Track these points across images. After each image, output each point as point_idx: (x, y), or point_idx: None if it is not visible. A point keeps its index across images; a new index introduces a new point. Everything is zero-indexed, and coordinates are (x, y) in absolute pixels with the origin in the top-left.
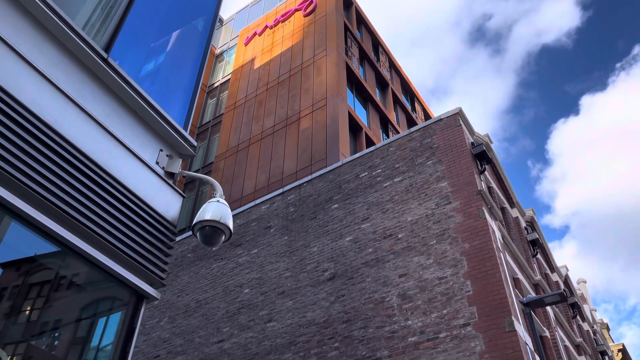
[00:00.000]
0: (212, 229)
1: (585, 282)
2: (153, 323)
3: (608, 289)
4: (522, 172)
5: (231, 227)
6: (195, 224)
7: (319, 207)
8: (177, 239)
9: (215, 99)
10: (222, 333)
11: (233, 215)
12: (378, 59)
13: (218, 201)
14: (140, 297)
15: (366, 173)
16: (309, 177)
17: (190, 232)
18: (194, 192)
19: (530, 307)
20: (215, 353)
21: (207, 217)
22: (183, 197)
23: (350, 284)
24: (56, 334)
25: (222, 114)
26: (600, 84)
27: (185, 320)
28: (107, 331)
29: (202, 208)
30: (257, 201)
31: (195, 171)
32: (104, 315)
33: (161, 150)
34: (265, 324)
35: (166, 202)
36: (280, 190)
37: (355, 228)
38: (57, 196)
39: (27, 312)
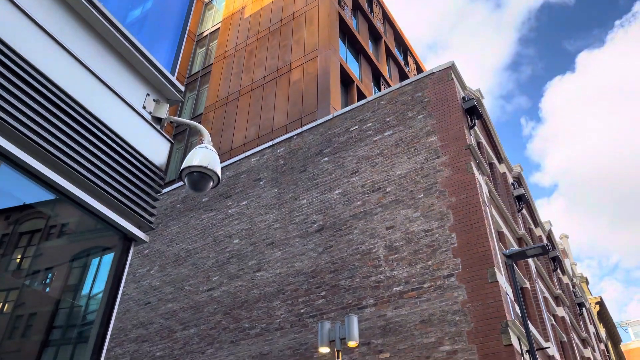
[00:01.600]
0: (200, 175)
1: (567, 237)
2: (143, 272)
3: (593, 246)
4: (515, 130)
5: (219, 173)
6: (183, 169)
7: (309, 160)
8: (167, 189)
9: (204, 48)
10: (212, 282)
11: (222, 168)
12: (372, 10)
13: (206, 147)
14: (129, 239)
15: (357, 127)
16: (299, 130)
17: (179, 183)
18: (183, 144)
19: (513, 259)
20: (205, 301)
21: (195, 162)
22: (171, 143)
23: (338, 236)
24: (47, 281)
25: (212, 64)
26: (598, 41)
27: (175, 269)
28: (97, 276)
29: (190, 153)
30: (247, 153)
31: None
32: (95, 258)
33: (148, 94)
34: (255, 273)
35: (154, 147)
36: (270, 143)
37: (344, 181)
38: (44, 138)
39: (18, 260)
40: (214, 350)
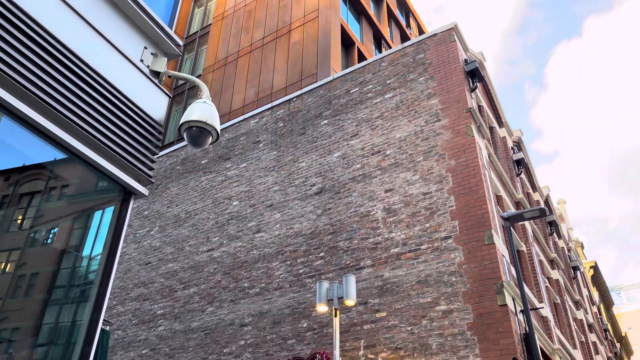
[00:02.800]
0: (199, 130)
1: (565, 202)
2: (144, 232)
3: (591, 212)
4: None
5: (218, 128)
6: (182, 124)
7: (308, 122)
8: (166, 151)
9: (202, 8)
10: (212, 242)
11: (221, 130)
12: None
13: (205, 102)
14: (129, 193)
15: (357, 89)
16: (299, 92)
17: (178, 145)
18: (181, 106)
19: (510, 221)
20: (205, 261)
21: (194, 117)
22: (169, 97)
23: (337, 198)
24: (48, 241)
25: (210, 24)
26: (607, 6)
27: (175, 230)
28: (98, 234)
29: (188, 108)
30: (246, 115)
31: (183, 84)
32: (95, 215)
33: (145, 48)
34: (254, 235)
35: (152, 101)
36: (269, 105)
37: (344, 144)
38: (43, 90)
39: (19, 221)
40: (214, 308)
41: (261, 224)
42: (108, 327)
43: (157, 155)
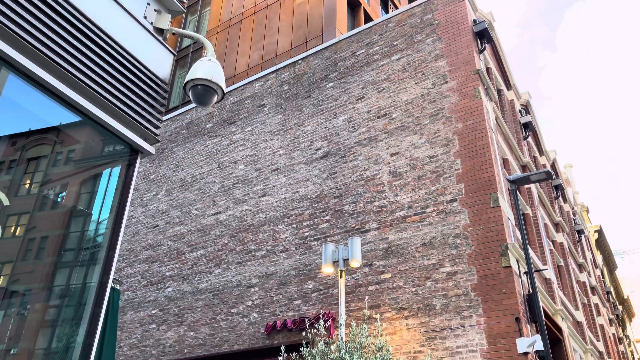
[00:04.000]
0: (204, 88)
1: (571, 166)
2: (150, 196)
3: (599, 177)
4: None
5: (223, 86)
6: (187, 82)
7: (314, 85)
8: (171, 115)
9: None
10: (218, 206)
11: (226, 93)
12: None
13: (209, 60)
14: (135, 151)
15: (363, 50)
16: (304, 55)
17: (183, 109)
18: (185, 69)
19: (516, 184)
20: (212, 224)
21: (199, 75)
22: (173, 54)
23: (342, 162)
24: (56, 204)
25: None
26: None
27: (181, 194)
28: (106, 196)
29: (193, 66)
30: (251, 78)
31: (186, 47)
32: (103, 176)
33: (148, 4)
34: (260, 198)
35: (156, 59)
36: (274, 68)
37: (349, 107)
38: (47, 46)
39: (27, 185)
40: (222, 270)
41: (267, 187)
42: (118, 285)
43: (162, 118)
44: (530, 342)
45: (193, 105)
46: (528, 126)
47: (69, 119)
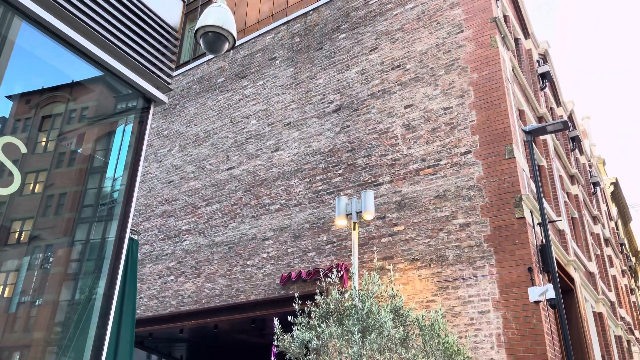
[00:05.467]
0: (216, 36)
1: (589, 118)
2: (165, 152)
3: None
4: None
5: (234, 33)
6: (197, 29)
7: (326, 37)
8: (182, 70)
9: None
10: (232, 161)
11: (237, 47)
12: None
13: (220, 6)
14: (148, 100)
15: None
16: (316, 5)
17: (194, 64)
18: (195, 23)
19: (532, 134)
20: (226, 179)
21: (210, 22)
22: (183, 1)
23: (355, 115)
24: (73, 161)
25: None
26: None
27: (195, 149)
28: (121, 151)
29: (203, 13)
30: (261, 31)
31: (194, 1)
32: (117, 130)
33: None
34: (273, 153)
35: (166, 7)
36: (285, 19)
37: (362, 59)
38: None
39: (43, 143)
40: (237, 224)
41: (279, 142)
42: (136, 236)
43: (173, 67)
44: (542, 290)
45: (204, 59)
46: (545, 76)
47: (82, 68)
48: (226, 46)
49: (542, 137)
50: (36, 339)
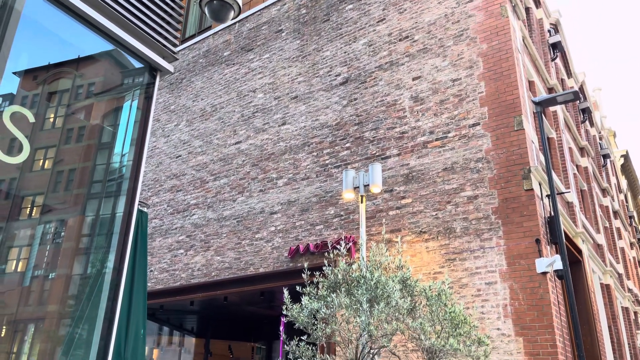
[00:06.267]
0: (220, 3)
1: (600, 90)
2: (172, 126)
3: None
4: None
5: (239, 1)
6: None
7: (332, 7)
8: (188, 44)
9: None
10: (239, 135)
11: (242, 19)
12: None
13: None
14: (154, 70)
15: None
16: None
17: (200, 37)
18: None
19: (542, 105)
20: (233, 153)
21: None
22: None
23: (362, 88)
24: (81, 137)
25: None
26: None
27: (202, 124)
28: (128, 125)
29: None
30: (267, 3)
31: None
32: (125, 99)
33: None
34: (280, 127)
35: None
36: None
37: (370, 30)
38: None
39: (51, 119)
40: (245, 198)
41: (286, 116)
42: (146, 208)
43: (178, 35)
44: (550, 262)
45: (210, 33)
46: (557, 46)
47: (88, 39)
48: (231, 14)
49: (552, 109)
50: (50, 311)
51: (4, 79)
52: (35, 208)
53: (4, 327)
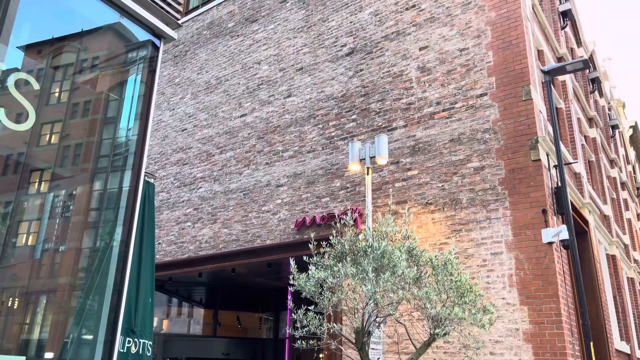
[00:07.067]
0: None
1: (610, 59)
2: (177, 99)
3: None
4: None
5: None
6: None
7: None
8: (191, 15)
9: None
10: (244, 108)
11: None
12: None
13: None
14: (158, 37)
15: None
16: None
17: (203, 9)
18: None
19: (551, 74)
20: (239, 126)
21: None
22: None
23: (369, 59)
24: (87, 112)
25: None
26: None
27: (207, 97)
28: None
29: None
30: None
31: None
32: (128, 74)
33: None
34: (285, 99)
35: None
36: None
37: None
38: None
39: (56, 94)
40: (251, 171)
41: (292, 88)
42: (152, 179)
43: (181, 1)
44: (556, 232)
45: (213, 3)
46: (567, 15)
47: (91, 6)
48: None
49: (561, 79)
50: (61, 284)
51: (7, 53)
52: (43, 183)
53: (17, 299)
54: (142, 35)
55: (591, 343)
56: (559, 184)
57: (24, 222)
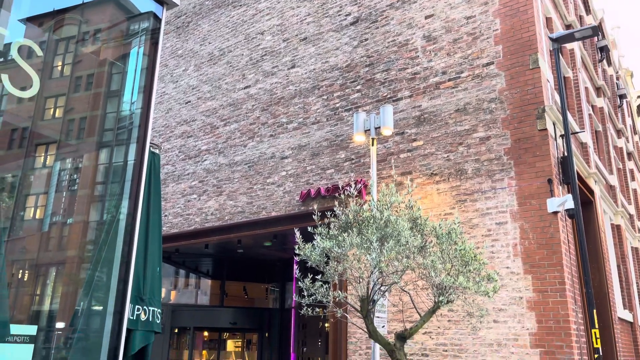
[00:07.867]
0: None
1: (619, 28)
2: (180, 72)
3: None
4: None
5: None
6: None
7: None
8: None
9: None
10: (248, 79)
11: None
12: None
13: None
14: (160, 2)
15: None
16: None
17: None
18: None
19: (559, 42)
20: (242, 98)
21: None
22: None
23: (373, 28)
24: (90, 90)
25: None
26: None
27: (210, 69)
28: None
29: None
30: None
31: None
32: (130, 46)
33: None
34: (289, 70)
35: None
36: None
37: None
38: None
39: (59, 67)
40: (255, 143)
41: (296, 58)
42: (157, 150)
43: None
44: (561, 201)
45: None
46: None
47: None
48: None
49: (569, 47)
50: (69, 256)
51: (8, 28)
52: (49, 157)
53: (27, 271)
54: (144, 3)
55: (594, 310)
56: (565, 154)
57: (31, 196)
